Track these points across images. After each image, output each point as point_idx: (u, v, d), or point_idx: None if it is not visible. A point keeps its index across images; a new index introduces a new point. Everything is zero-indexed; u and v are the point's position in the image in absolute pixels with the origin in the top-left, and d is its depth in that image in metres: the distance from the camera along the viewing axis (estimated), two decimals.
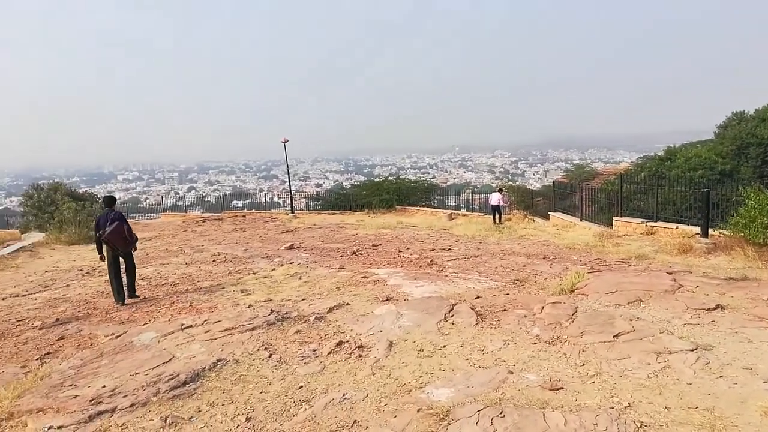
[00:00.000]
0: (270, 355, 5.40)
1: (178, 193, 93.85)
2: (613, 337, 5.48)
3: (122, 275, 8.90)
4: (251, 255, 13.04)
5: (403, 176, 40.04)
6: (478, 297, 7.57)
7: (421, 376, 4.77)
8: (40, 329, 7.74)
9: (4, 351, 6.86)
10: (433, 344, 5.56)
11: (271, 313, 6.68)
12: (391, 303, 7.34)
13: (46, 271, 12.67)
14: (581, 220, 17.64)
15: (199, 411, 4.30)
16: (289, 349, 5.63)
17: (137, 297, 9.08)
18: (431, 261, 11.12)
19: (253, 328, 6.19)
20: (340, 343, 5.67)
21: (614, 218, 15.94)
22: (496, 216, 19.24)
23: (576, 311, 6.44)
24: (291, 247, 13.96)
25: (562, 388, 4.37)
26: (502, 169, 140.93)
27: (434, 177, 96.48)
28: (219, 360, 5.22)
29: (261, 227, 20.41)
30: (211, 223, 23.04)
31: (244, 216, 25.86)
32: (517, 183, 60.06)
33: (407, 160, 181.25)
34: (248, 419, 4.12)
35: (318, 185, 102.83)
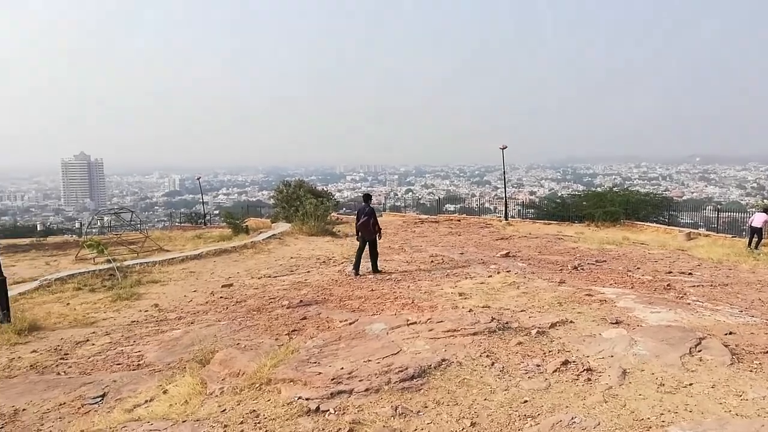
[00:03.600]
0: (492, 363, 5.37)
1: (397, 195, 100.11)
2: None
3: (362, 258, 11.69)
4: (467, 259, 13.20)
5: (630, 187, 36.72)
6: (730, 333, 6.53)
7: (662, 414, 4.26)
8: (287, 308, 8.89)
9: (260, 324, 8.03)
10: (676, 380, 4.93)
11: (492, 320, 6.65)
12: (622, 327, 6.73)
13: (291, 258, 14.53)
14: None
15: (426, 407, 4.46)
16: (512, 360, 5.53)
17: (380, 272, 11.61)
18: (668, 285, 9.94)
19: (475, 333, 6.23)
20: (565, 363, 5.38)
21: None
22: (753, 239, 16.36)
23: None
24: (507, 255, 13.78)
25: None
26: (755, 185, 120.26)
27: (667, 190, 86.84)
28: (443, 360, 5.36)
29: (475, 232, 20.57)
30: (429, 224, 23.98)
31: (459, 220, 26.35)
32: None
33: (635, 169, 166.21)
34: (473, 424, 4.14)
35: (532, 193, 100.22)
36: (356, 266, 11.59)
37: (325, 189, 34.13)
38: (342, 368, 5.14)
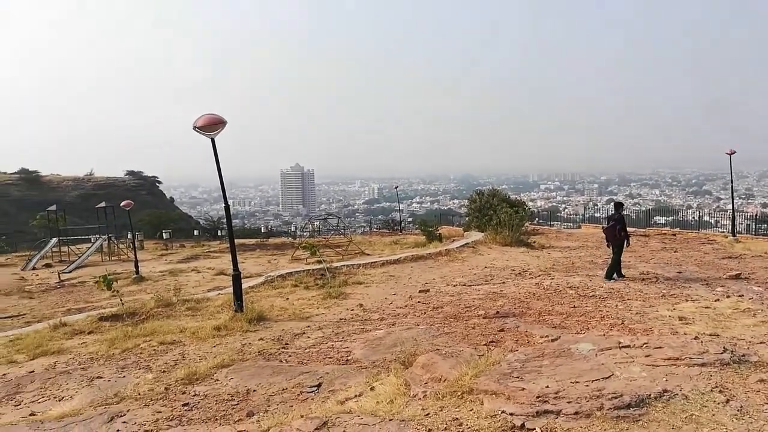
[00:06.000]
0: (727, 401, 4.62)
1: (596, 205, 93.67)
2: None
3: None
4: (686, 279, 11.72)
5: None
6: None
7: None
8: (483, 318, 8.81)
9: (458, 331, 8.07)
10: None
11: (724, 351, 5.75)
12: None
13: (485, 267, 14.44)
14: None
15: None
16: (752, 399, 4.70)
17: (612, 280, 11.66)
18: None
19: (703, 364, 5.44)
20: None
21: None
22: None
23: None
24: (737, 277, 11.89)
25: None
26: None
27: None
28: (664, 390, 4.77)
29: (695, 249, 18.21)
30: (637, 239, 21.89)
31: (674, 235, 23.59)
32: None
33: None
34: None
35: (765, 205, 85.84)
36: (618, 271, 12.09)
37: (519, 198, 33.31)
38: (547, 387, 4.88)
